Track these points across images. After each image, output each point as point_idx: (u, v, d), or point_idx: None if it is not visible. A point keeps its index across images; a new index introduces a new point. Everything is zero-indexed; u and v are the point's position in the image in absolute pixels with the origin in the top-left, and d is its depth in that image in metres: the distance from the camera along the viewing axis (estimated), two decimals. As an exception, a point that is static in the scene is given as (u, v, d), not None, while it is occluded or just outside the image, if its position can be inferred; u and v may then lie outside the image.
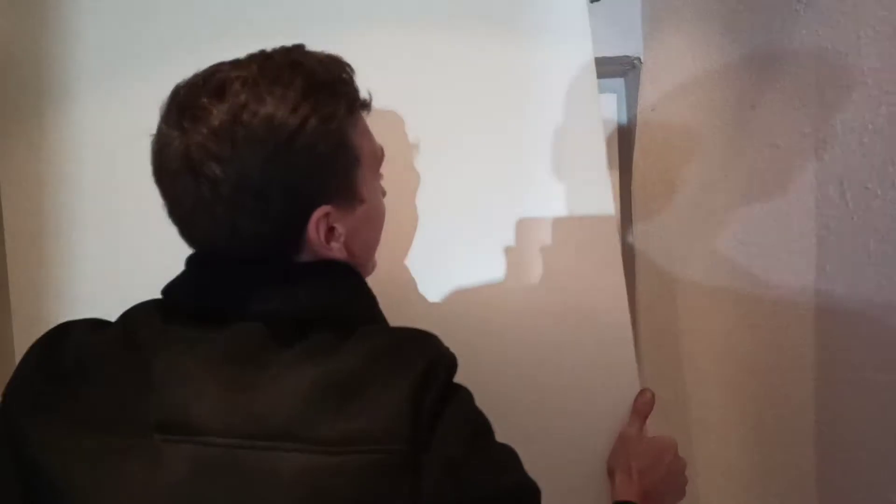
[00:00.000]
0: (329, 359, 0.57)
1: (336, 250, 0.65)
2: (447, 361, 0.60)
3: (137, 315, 0.63)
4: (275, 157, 0.58)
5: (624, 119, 1.63)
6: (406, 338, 0.61)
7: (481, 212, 1.15)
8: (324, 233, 0.63)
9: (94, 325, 0.64)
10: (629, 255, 1.62)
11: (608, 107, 1.64)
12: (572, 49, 1.31)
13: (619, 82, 1.62)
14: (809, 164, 0.86)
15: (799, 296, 0.90)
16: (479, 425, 0.60)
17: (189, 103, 0.59)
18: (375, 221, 0.72)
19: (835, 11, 0.78)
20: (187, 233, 0.64)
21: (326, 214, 0.62)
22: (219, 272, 0.62)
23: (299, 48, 0.64)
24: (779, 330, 0.96)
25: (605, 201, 1.23)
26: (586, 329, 1.09)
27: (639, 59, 1.49)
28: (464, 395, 0.60)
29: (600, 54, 1.51)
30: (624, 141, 1.63)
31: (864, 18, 0.72)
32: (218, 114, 0.58)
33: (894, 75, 0.68)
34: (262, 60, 0.62)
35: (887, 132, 0.70)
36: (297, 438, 0.53)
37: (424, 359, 0.58)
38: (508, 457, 0.61)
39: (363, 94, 0.67)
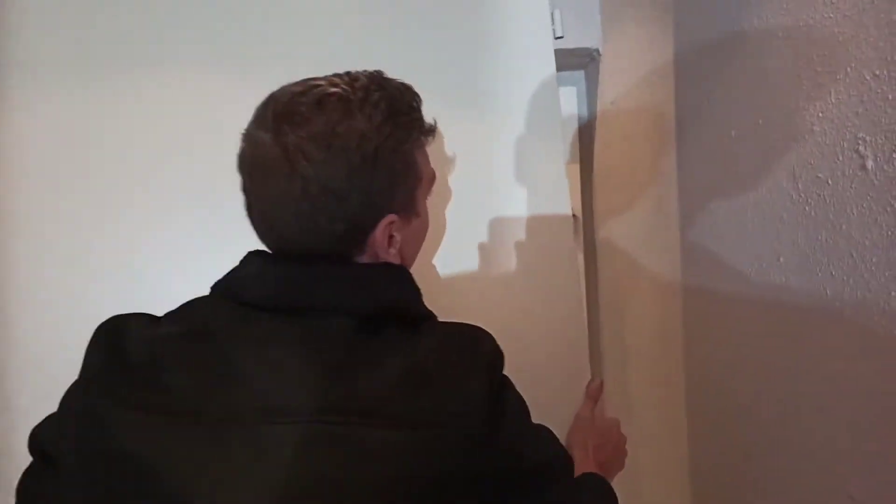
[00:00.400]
0: (411, 350, 0.64)
1: (392, 255, 0.72)
2: (501, 353, 0.69)
3: (202, 310, 0.68)
4: (360, 166, 0.66)
5: (584, 112, 1.62)
6: (470, 333, 0.69)
7: (438, 210, 1.15)
8: (387, 238, 0.71)
9: (150, 321, 0.68)
10: (591, 248, 1.61)
11: (568, 100, 1.62)
12: (532, 46, 1.31)
13: (578, 75, 1.61)
14: (763, 155, 0.85)
15: (754, 287, 0.89)
16: (525, 407, 0.71)
17: (289, 110, 0.66)
18: (422, 235, 0.81)
19: (785, -1, 0.76)
20: (267, 225, 0.70)
21: (391, 223, 0.70)
22: (298, 268, 0.67)
23: (381, 74, 0.74)
24: (735, 321, 0.95)
25: (562, 201, 1.23)
26: (542, 323, 1.09)
27: (598, 50, 1.47)
28: (510, 382, 0.70)
29: (559, 46, 1.49)
30: (585, 135, 1.62)
31: (813, 4, 0.71)
32: (317, 122, 0.65)
33: (844, 63, 0.67)
34: (350, 81, 0.69)
35: (837, 121, 0.69)
36: (390, 417, 0.59)
37: (489, 351, 0.67)
38: (548, 432, 0.74)
39: (429, 122, 0.76)
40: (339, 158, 0.65)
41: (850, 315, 0.69)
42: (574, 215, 1.64)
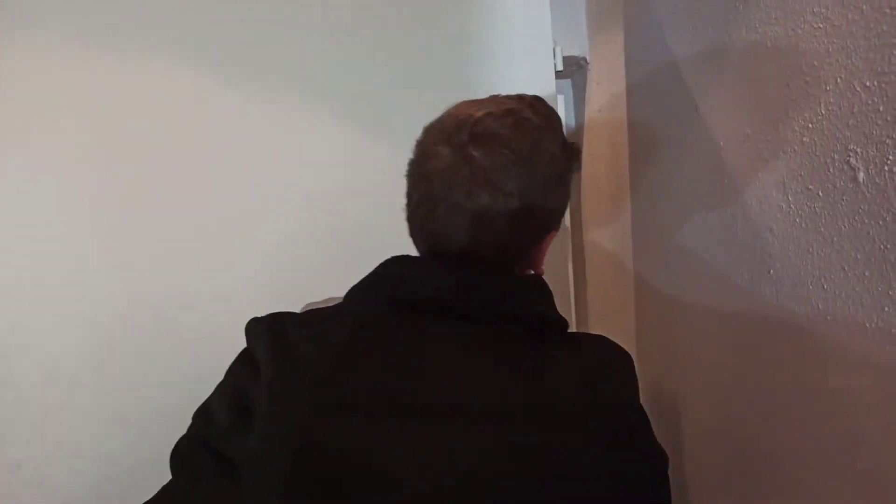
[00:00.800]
0: (576, 359, 0.70)
1: (540, 265, 0.80)
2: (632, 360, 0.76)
3: (362, 311, 0.71)
4: (554, 184, 0.75)
5: (572, 121, 1.61)
6: (611, 343, 0.76)
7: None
8: (543, 253, 0.79)
9: (304, 322, 0.70)
10: (579, 257, 1.60)
11: (556, 109, 1.61)
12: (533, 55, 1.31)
13: (566, 83, 1.60)
14: (752, 166, 0.84)
15: (744, 299, 0.87)
16: None
17: (489, 130, 0.71)
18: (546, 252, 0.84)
19: (774, 8, 0.75)
20: (440, 232, 0.73)
21: (552, 238, 0.78)
22: (471, 274, 0.71)
23: (540, 99, 0.81)
24: (723, 333, 0.94)
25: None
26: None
27: (585, 59, 1.46)
28: None
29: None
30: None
31: (802, 14, 0.70)
32: (518, 142, 0.71)
33: (834, 72, 0.66)
34: (531, 105, 0.76)
35: (828, 131, 0.68)
36: (569, 420, 0.64)
37: (628, 358, 0.74)
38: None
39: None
40: (539, 177, 0.72)
41: (843, 330, 0.68)
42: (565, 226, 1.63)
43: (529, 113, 0.75)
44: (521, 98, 0.78)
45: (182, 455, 0.68)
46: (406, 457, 0.61)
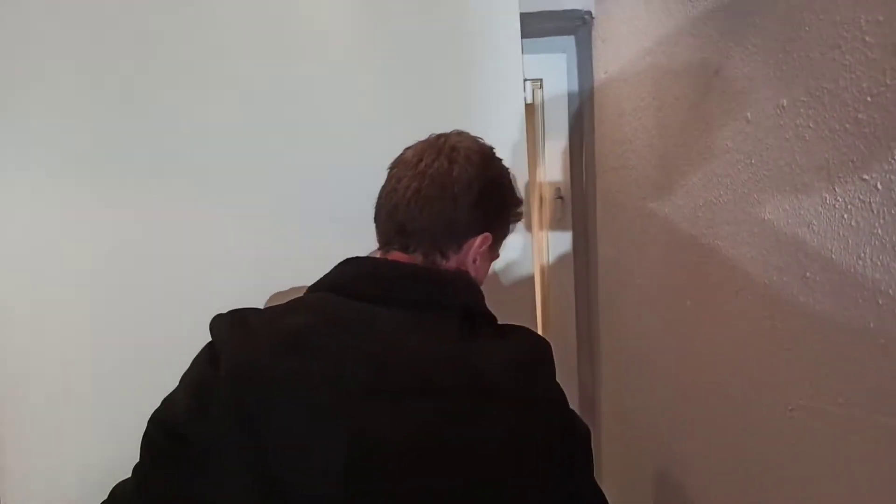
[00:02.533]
0: (505, 345, 0.79)
1: (471, 268, 0.86)
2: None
3: (322, 304, 0.78)
4: (486, 190, 0.84)
5: (574, 82, 1.45)
6: (533, 334, 0.83)
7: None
8: (477, 252, 0.86)
9: (269, 311, 0.78)
10: (582, 231, 1.46)
11: (557, 68, 1.45)
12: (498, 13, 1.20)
13: (568, 40, 1.43)
14: (788, 145, 0.69)
15: (771, 301, 0.74)
16: None
17: (452, 146, 0.85)
18: (487, 270, 0.93)
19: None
20: (400, 218, 0.83)
21: (486, 240, 0.86)
22: (413, 269, 0.81)
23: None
24: (745, 339, 0.80)
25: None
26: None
27: (590, 13, 1.30)
28: None
29: (546, 8, 1.32)
30: (574, 107, 1.45)
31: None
32: (476, 155, 0.85)
33: (889, 26, 0.51)
34: (481, 149, 0.88)
35: (887, 101, 0.53)
36: (503, 397, 0.73)
37: (548, 348, 0.82)
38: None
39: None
40: (487, 173, 0.85)
41: (901, 357, 0.54)
42: (560, 197, 1.48)
43: (487, 147, 0.89)
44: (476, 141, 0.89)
45: (148, 438, 0.74)
46: (367, 430, 0.68)
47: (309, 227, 1.21)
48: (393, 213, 0.83)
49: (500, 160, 0.90)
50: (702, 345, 0.92)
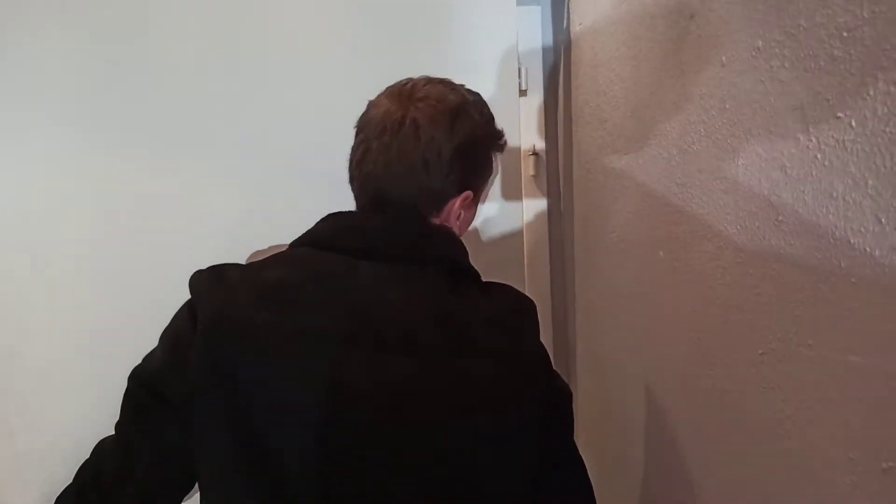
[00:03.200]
0: (488, 301, 0.79)
1: (454, 225, 0.86)
2: (535, 307, 0.85)
3: (304, 258, 0.78)
4: (472, 147, 0.84)
5: (549, 36, 1.42)
6: (518, 292, 0.84)
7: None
8: (459, 209, 0.85)
9: (248, 265, 0.77)
10: (557, 190, 1.45)
11: (530, 22, 1.42)
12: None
13: (540, -9, 1.40)
14: (762, 87, 0.68)
15: (743, 247, 0.73)
16: None
17: (424, 88, 0.83)
18: (470, 222, 0.92)
19: None
20: (369, 173, 0.81)
21: (466, 197, 0.85)
22: (394, 221, 0.80)
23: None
24: (717, 287, 0.80)
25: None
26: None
27: (563, -40, 1.27)
28: None
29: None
30: (548, 61, 1.43)
31: None
32: (448, 101, 0.83)
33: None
34: (463, 85, 0.88)
35: (872, 41, 0.52)
36: (482, 351, 0.74)
37: (533, 308, 0.83)
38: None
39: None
40: (457, 133, 0.81)
41: (872, 294, 0.54)
42: (536, 153, 1.47)
43: (461, 87, 0.86)
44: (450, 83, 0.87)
45: (128, 393, 0.75)
46: (344, 381, 0.69)
47: (293, 187, 1.25)
48: (365, 183, 0.82)
49: (473, 104, 0.85)
50: (673, 295, 0.92)
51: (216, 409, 0.68)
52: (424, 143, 0.79)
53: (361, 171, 0.82)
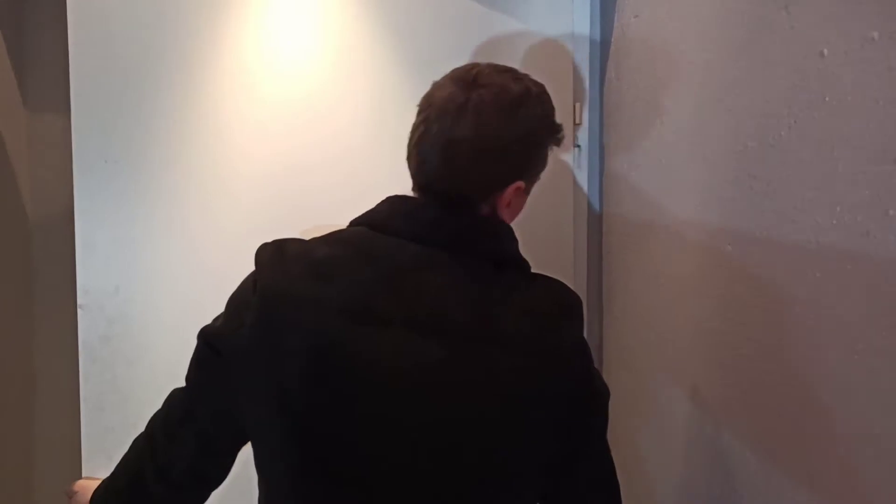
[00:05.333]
0: (531, 295, 0.81)
1: (503, 213, 0.87)
2: (581, 302, 0.85)
3: (362, 237, 0.81)
4: (532, 140, 0.86)
5: (597, 33, 1.40)
6: (564, 287, 0.85)
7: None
8: (508, 199, 0.86)
9: (308, 242, 0.81)
10: (595, 188, 1.44)
11: (579, 16, 1.40)
12: None
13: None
14: (878, 82, 0.67)
15: (837, 243, 0.73)
16: None
17: (488, 76, 0.83)
18: (518, 211, 0.92)
19: None
20: (425, 156, 0.83)
21: (518, 188, 0.86)
22: (451, 208, 0.81)
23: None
24: (774, 295, 0.80)
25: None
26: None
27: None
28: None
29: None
30: (596, 56, 1.41)
31: None
32: (512, 91, 0.83)
33: None
34: (527, 76, 0.88)
35: None
36: (516, 346, 0.76)
37: (578, 303, 0.84)
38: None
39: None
40: (517, 124, 0.82)
41: None
42: (577, 145, 1.46)
43: (526, 77, 0.86)
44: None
45: (196, 349, 0.81)
46: (374, 358, 0.73)
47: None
48: (421, 164, 0.84)
49: (536, 95, 0.85)
50: (745, 290, 0.92)
51: (258, 370, 0.75)
52: (483, 130, 0.80)
53: (419, 150, 0.84)
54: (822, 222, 0.76)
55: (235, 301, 0.80)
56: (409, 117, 0.87)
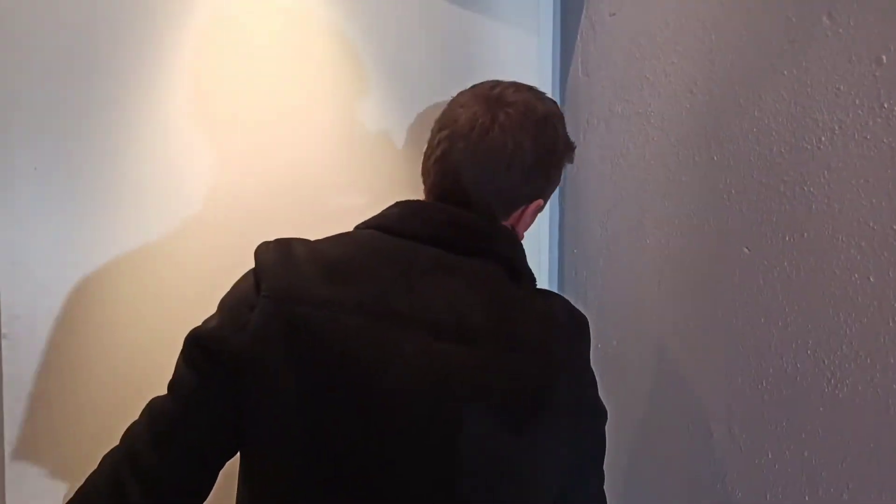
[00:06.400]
0: (543, 304, 0.83)
1: (519, 225, 0.90)
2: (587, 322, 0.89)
3: (374, 238, 0.80)
4: (553, 158, 0.90)
5: (566, 28, 1.37)
6: (572, 305, 0.87)
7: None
8: (528, 215, 0.90)
9: (314, 241, 0.80)
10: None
11: (544, 12, 1.35)
12: None
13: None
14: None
15: (887, 246, 0.74)
16: None
17: (512, 95, 0.87)
18: (528, 226, 0.95)
19: None
20: (450, 169, 0.85)
21: (538, 205, 0.90)
22: (460, 215, 0.82)
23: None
24: (844, 287, 0.81)
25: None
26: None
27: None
28: None
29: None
30: (558, 52, 1.38)
31: None
32: (536, 110, 0.87)
33: None
34: (543, 93, 0.93)
35: None
36: (531, 350, 0.78)
37: (587, 324, 0.87)
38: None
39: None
40: (541, 143, 0.85)
41: None
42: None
43: (545, 96, 0.91)
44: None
45: (183, 353, 0.77)
46: (384, 355, 0.73)
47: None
48: (442, 180, 0.85)
49: (556, 115, 0.90)
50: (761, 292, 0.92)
51: (269, 373, 0.72)
52: (511, 148, 0.82)
53: (441, 167, 0.85)
54: (870, 228, 0.77)
55: (234, 302, 0.77)
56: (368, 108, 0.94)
